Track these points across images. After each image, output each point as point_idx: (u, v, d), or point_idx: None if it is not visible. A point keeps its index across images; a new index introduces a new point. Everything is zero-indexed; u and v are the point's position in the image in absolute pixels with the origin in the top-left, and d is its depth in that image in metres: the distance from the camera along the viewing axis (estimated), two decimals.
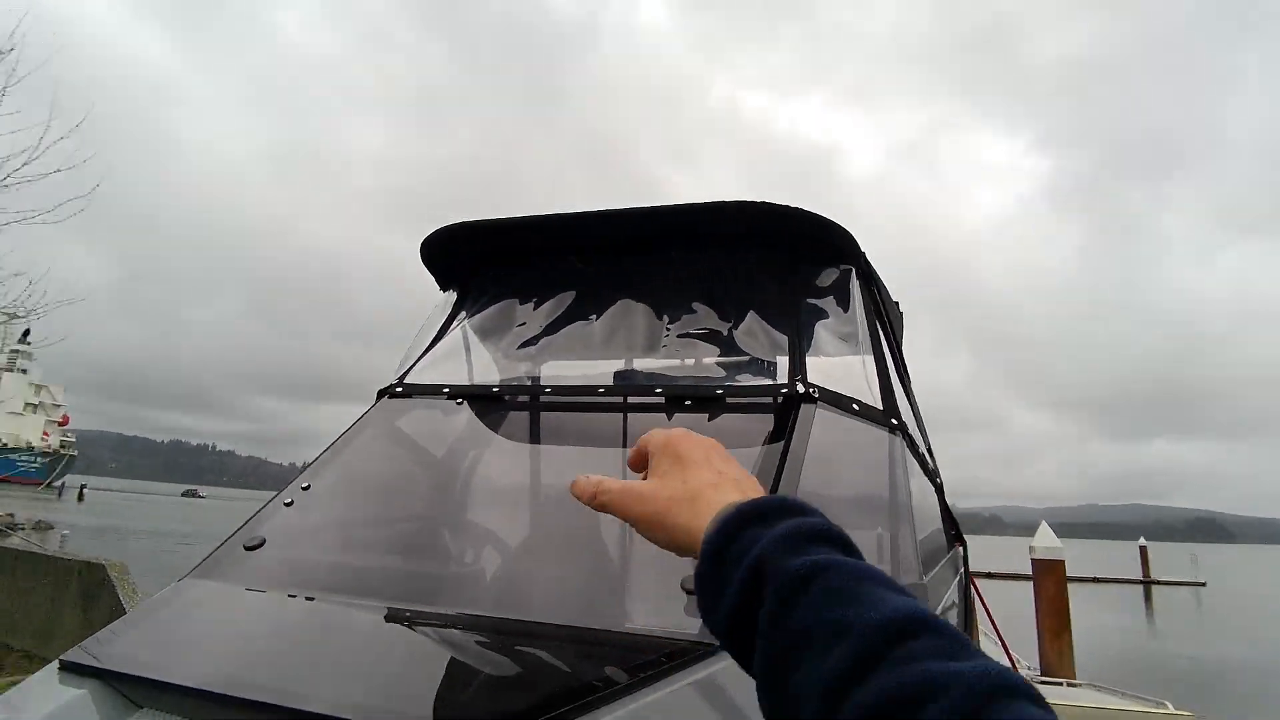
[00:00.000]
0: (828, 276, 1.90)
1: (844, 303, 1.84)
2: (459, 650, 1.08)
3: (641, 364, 1.86)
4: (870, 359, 1.79)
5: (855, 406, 1.59)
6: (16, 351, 54.50)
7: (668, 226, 1.90)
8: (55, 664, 1.02)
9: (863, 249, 1.90)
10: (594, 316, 1.99)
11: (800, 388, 1.49)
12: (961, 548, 2.15)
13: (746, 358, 1.73)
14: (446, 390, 1.84)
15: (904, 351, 2.58)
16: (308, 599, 1.22)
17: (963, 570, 2.09)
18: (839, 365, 1.80)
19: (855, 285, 1.88)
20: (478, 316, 2.14)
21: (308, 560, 1.41)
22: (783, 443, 1.34)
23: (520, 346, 2.02)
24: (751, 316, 1.81)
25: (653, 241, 1.97)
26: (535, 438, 1.75)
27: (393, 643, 1.11)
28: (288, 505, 1.51)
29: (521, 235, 2.04)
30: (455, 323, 2.14)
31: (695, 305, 1.88)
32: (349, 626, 1.16)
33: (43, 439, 65.57)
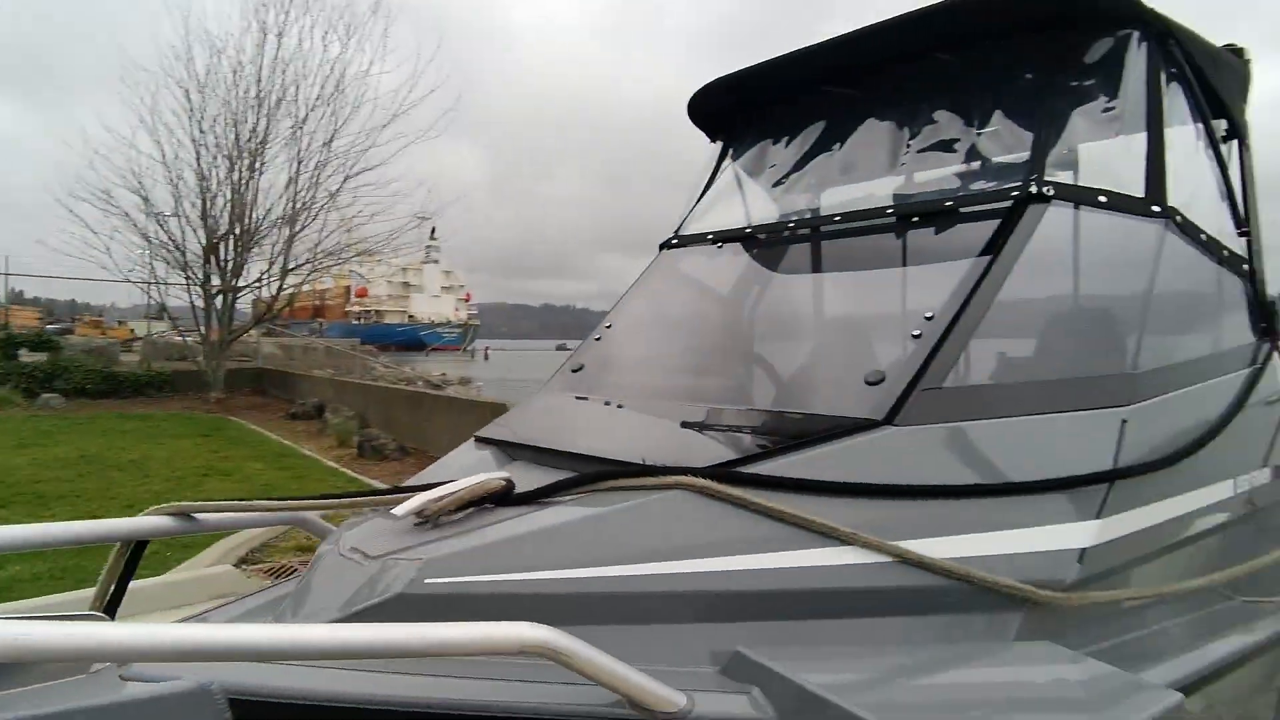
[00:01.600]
0: (1098, 50, 1.68)
1: (1114, 79, 1.63)
2: (704, 426, 1.45)
3: (884, 187, 1.91)
4: (1142, 138, 1.60)
5: (1102, 199, 1.48)
6: (429, 246, 68.71)
7: (913, 36, 1.83)
8: (472, 439, 1.66)
9: (1146, 5, 1.62)
10: (839, 145, 2.05)
11: (1034, 188, 1.45)
12: (1271, 342, 1.86)
13: (989, 162, 1.69)
14: (711, 236, 2.13)
15: (1239, 107, 2.13)
16: (615, 405, 1.71)
17: (1270, 364, 1.82)
18: (1099, 152, 1.64)
19: (1135, 54, 1.65)
20: (741, 162, 2.34)
21: (609, 378, 1.90)
22: (996, 252, 1.37)
23: (776, 185, 2.19)
24: (999, 116, 1.72)
25: (899, 56, 1.92)
26: (781, 270, 1.97)
27: (658, 424, 1.53)
28: (597, 340, 2.02)
29: (774, 75, 2.13)
30: (722, 171, 2.37)
31: (939, 115, 1.84)
32: (635, 418, 1.61)
33: (455, 314, 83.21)
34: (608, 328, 2.04)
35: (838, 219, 1.86)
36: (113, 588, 1.28)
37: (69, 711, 0.70)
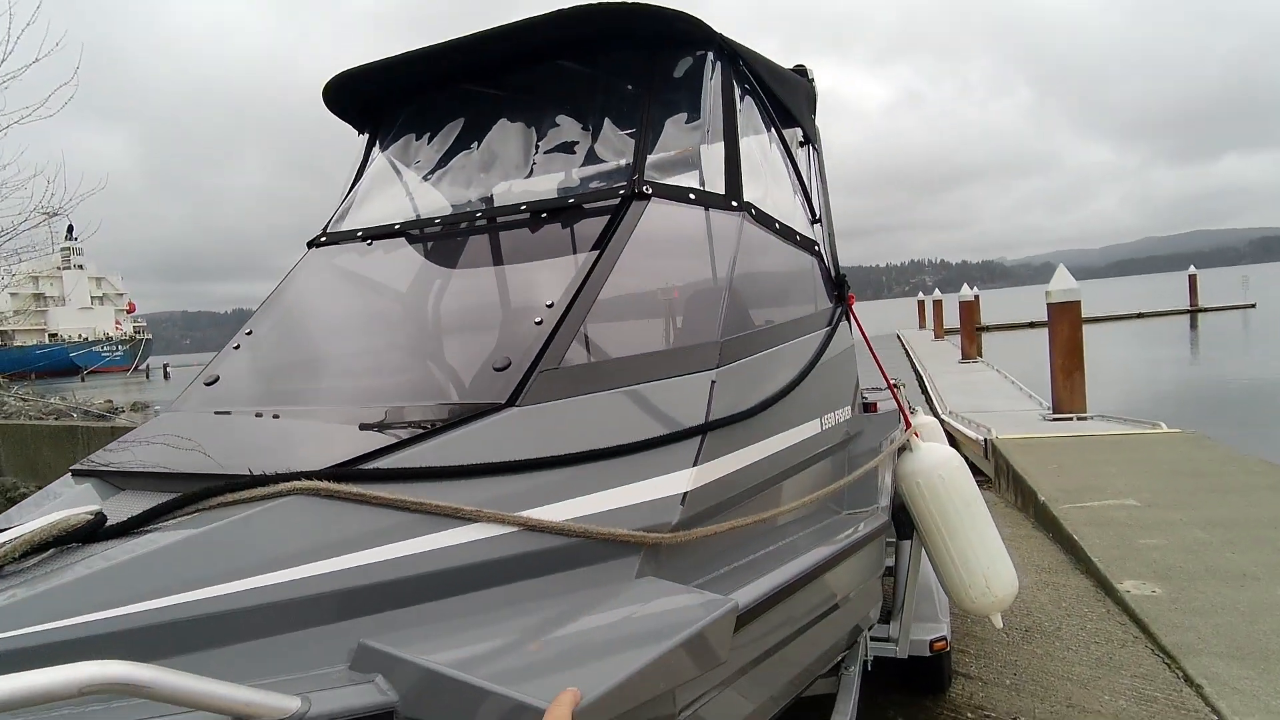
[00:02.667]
0: (682, 68, 1.96)
1: (696, 93, 1.93)
2: (337, 424, 1.44)
3: (517, 184, 2.04)
4: (722, 145, 1.91)
5: (691, 196, 1.76)
6: (67, 249, 56.07)
7: (525, 42, 1.96)
8: (69, 473, 1.43)
9: (716, 31, 1.93)
10: (478, 143, 2.13)
11: (636, 188, 1.67)
12: (841, 306, 2.36)
13: (605, 164, 1.89)
14: (360, 234, 2.08)
15: (808, 118, 2.63)
16: (254, 414, 1.60)
17: (840, 324, 2.31)
18: (691, 157, 1.94)
19: (711, 72, 1.95)
20: (389, 154, 2.30)
21: (250, 388, 1.78)
22: (605, 244, 1.56)
23: (424, 179, 2.21)
24: (609, 123, 1.93)
25: (518, 59, 2.04)
26: (425, 265, 2.00)
27: (295, 430, 1.48)
28: (236, 349, 1.86)
29: (415, 68, 2.11)
30: (370, 164, 2.31)
31: (561, 119, 2.01)
32: (271, 427, 1.53)
33: (116, 328, 69.44)
34: (248, 334, 1.90)
35: (478, 216, 1.94)
36: None
37: None
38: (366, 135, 2.36)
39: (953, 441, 4.62)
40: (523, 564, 1.25)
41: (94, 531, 1.08)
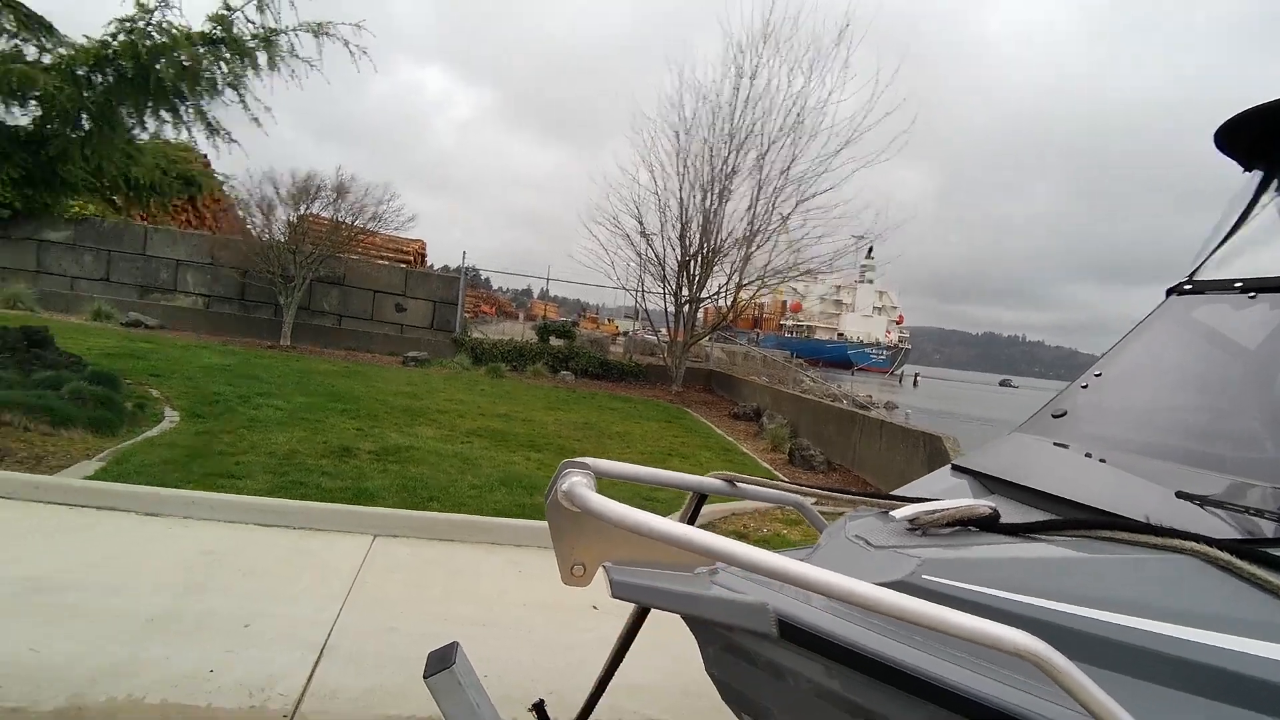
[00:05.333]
0: None
1: None
2: (1207, 495, 1.33)
3: None
4: None
5: None
6: (864, 266, 68.70)
7: None
8: (948, 466, 1.79)
9: None
10: None
11: None
12: None
13: None
14: (1240, 285, 1.87)
15: None
16: (1098, 459, 1.65)
17: None
18: None
19: None
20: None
21: (1093, 429, 1.82)
22: None
23: None
24: None
25: None
26: None
27: (1149, 485, 1.44)
28: (1084, 388, 1.95)
29: None
30: (1259, 209, 2.05)
31: None
32: (1122, 475, 1.53)
33: (886, 335, 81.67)
34: (1097, 375, 1.95)
35: None
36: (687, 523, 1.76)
37: (675, 592, 1.07)
38: (1260, 174, 2.08)
39: None
40: None
41: (990, 522, 1.32)
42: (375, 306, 17.40)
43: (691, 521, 1.68)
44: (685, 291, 16.47)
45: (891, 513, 1.34)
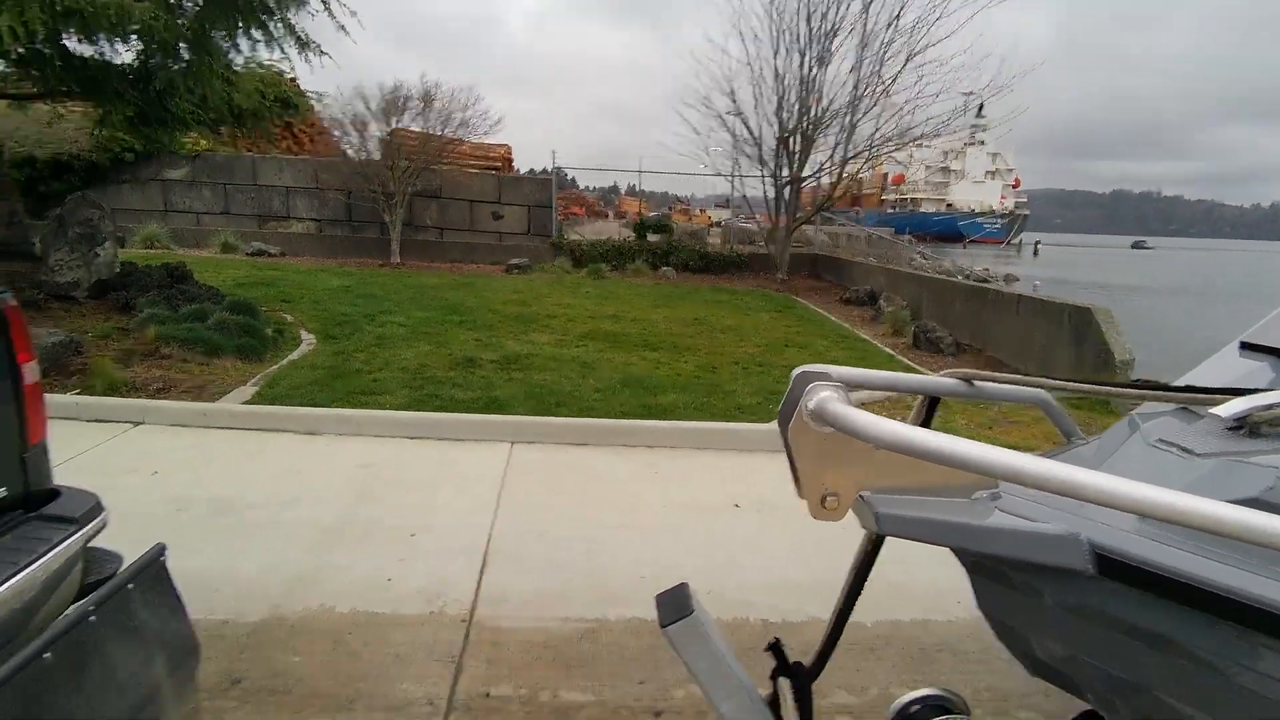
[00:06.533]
0: None
1: None
2: None
3: None
4: None
5: None
6: (975, 126, 62.85)
7: None
8: (1235, 343, 1.48)
9: None
10: None
11: None
12: None
13: None
14: None
15: None
16: None
17: None
18: None
19: None
20: None
21: None
22: None
23: None
24: None
25: None
26: None
27: None
28: None
29: None
30: None
31: None
32: None
33: (1000, 202, 75.58)
34: None
35: None
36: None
37: (961, 525, 0.89)
38: None
39: None
40: None
41: None
42: (473, 216, 17.56)
43: (926, 424, 1.48)
44: (785, 172, 15.57)
45: (1214, 410, 1.09)
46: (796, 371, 0.95)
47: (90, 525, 1.74)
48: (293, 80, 11.13)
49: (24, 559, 1.53)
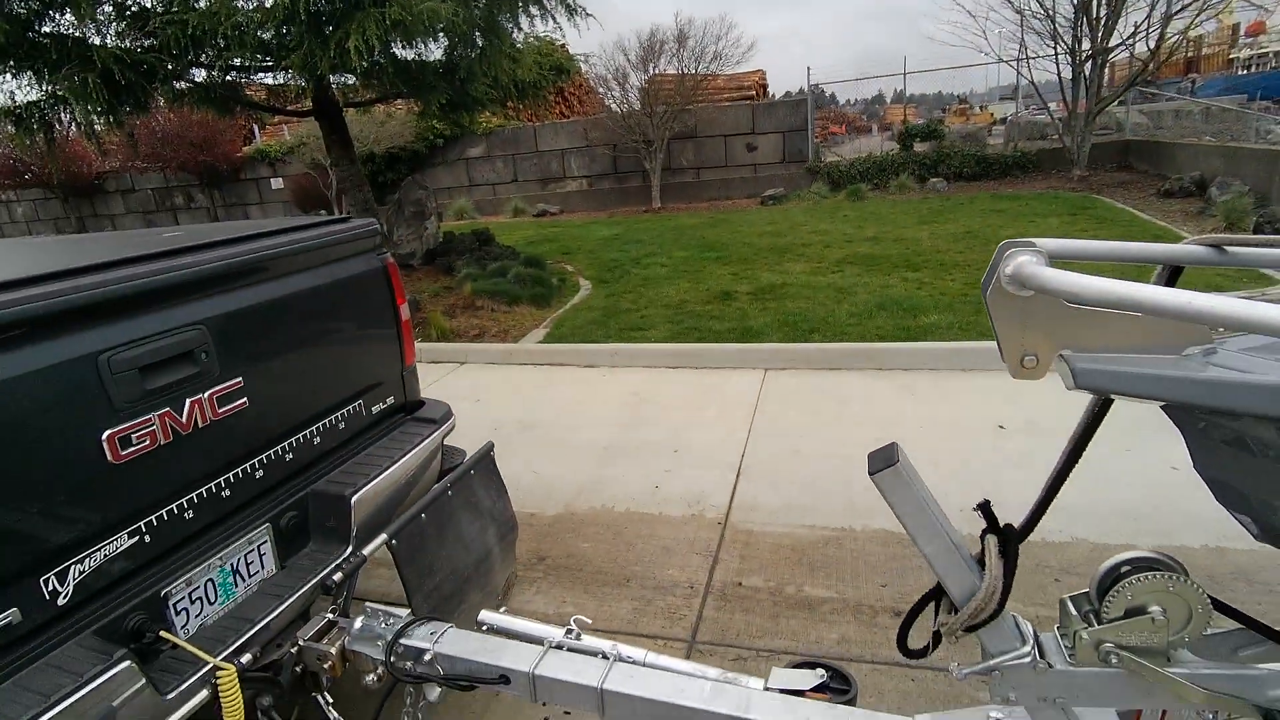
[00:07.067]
0: None
1: None
2: None
3: None
4: None
5: None
6: None
7: None
8: None
9: None
10: None
11: None
12: None
13: None
14: None
15: None
16: None
17: None
18: None
19: None
20: None
21: None
22: None
23: None
24: None
25: None
26: None
27: None
28: None
29: None
30: None
31: None
32: None
33: None
34: None
35: None
36: None
37: (1165, 376, 0.87)
38: None
39: None
40: None
41: None
42: (727, 152, 17.69)
43: None
44: (1085, 44, 13.16)
45: None
46: (1003, 242, 0.99)
47: (445, 425, 2.35)
48: (563, 46, 12.17)
49: (409, 447, 2.16)
